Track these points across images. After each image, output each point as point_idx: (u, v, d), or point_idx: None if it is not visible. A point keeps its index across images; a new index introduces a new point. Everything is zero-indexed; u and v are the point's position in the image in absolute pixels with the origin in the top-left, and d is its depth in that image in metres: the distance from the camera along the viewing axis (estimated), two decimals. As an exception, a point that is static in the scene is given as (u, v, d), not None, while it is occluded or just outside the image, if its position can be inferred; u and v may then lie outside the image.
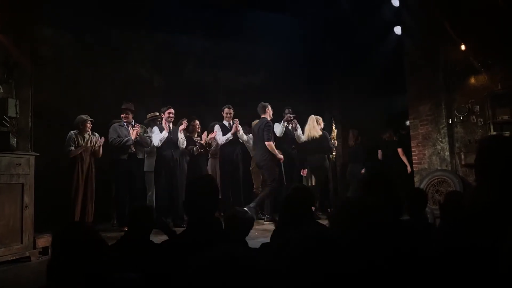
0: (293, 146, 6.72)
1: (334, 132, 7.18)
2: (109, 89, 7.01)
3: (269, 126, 6.03)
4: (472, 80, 6.15)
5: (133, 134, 5.93)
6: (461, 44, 6.02)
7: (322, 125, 6.76)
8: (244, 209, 3.12)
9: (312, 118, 6.72)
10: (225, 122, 6.73)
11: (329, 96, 9.04)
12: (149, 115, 6.57)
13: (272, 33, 7.93)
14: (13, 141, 3.89)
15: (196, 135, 6.71)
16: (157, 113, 6.45)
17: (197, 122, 6.75)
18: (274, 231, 2.88)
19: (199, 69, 8.26)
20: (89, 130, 5.72)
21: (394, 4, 7.04)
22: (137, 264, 2.10)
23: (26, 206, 3.88)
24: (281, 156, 6.02)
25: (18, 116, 4.34)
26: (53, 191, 5.51)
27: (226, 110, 6.74)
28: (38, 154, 4.14)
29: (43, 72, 5.92)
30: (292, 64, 8.55)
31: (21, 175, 3.87)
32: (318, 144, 6.59)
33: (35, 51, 5.12)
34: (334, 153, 7.43)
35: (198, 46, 8.20)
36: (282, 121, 6.52)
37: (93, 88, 6.94)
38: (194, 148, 6.42)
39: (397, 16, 7.13)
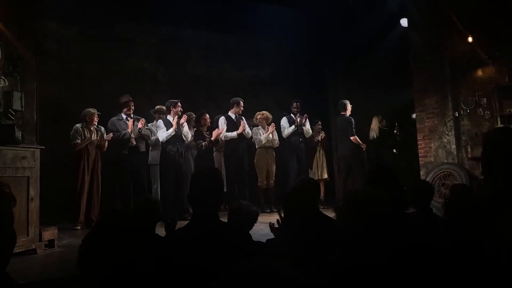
0: (300, 139, 7.07)
1: (397, 129, 7.67)
2: (113, 82, 7.01)
3: (351, 122, 6.77)
4: (479, 73, 6.09)
5: (129, 127, 5.87)
6: (468, 36, 5.94)
7: (384, 124, 7.52)
8: (248, 203, 3.11)
9: (375, 119, 7.52)
10: (231, 114, 6.68)
11: (334, 88, 8.98)
12: (157, 107, 6.51)
13: (276, 26, 7.88)
14: (18, 134, 3.90)
15: (206, 129, 6.63)
16: (163, 106, 6.41)
17: (207, 116, 6.67)
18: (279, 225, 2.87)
19: (203, 62, 8.24)
20: (96, 124, 5.71)
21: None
22: (143, 257, 2.10)
23: (32, 199, 3.90)
24: (365, 144, 6.90)
25: (23, 109, 4.35)
26: (57, 184, 5.54)
27: (242, 103, 6.71)
28: (43, 147, 4.15)
29: (47, 65, 5.93)
30: (296, 57, 8.50)
31: (26, 168, 3.88)
32: (380, 141, 7.39)
33: (39, 45, 5.12)
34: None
35: (202, 40, 8.17)
36: (294, 125, 7.08)
37: (97, 82, 6.95)
38: (203, 144, 6.35)
39: (403, 8, 7.05)
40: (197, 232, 1.99)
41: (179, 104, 6.15)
